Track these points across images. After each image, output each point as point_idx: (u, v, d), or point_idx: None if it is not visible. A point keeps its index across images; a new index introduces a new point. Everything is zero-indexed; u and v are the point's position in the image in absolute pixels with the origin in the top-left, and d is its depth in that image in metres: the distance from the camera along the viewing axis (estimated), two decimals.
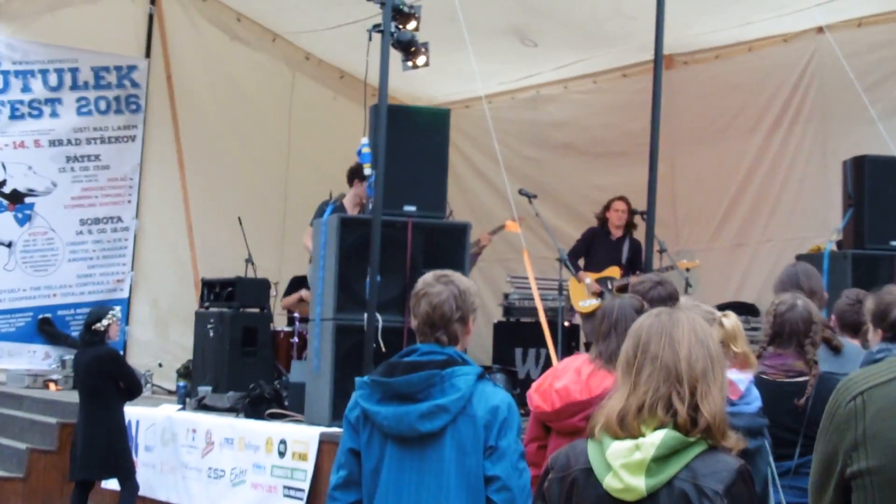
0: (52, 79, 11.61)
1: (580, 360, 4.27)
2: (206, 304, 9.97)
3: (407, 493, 3.36)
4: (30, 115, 11.50)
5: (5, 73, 11.36)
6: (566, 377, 4.27)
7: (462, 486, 3.36)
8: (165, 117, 12.12)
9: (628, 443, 2.26)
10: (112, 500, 8.70)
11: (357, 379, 3.51)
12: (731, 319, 3.80)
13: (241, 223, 10.56)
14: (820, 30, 9.90)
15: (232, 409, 8.79)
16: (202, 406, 9.15)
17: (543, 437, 3.99)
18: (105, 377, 8.29)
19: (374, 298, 7.50)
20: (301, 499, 7.32)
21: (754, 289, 10.17)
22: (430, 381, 3.33)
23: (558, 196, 10.50)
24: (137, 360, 10.97)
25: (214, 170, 12.14)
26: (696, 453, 2.24)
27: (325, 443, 7.26)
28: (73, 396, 8.83)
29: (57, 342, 11.42)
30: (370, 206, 7.80)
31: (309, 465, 7.34)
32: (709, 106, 10.57)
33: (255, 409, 8.50)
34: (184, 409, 9.33)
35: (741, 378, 3.63)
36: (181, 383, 10.03)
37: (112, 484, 8.52)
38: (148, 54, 12.10)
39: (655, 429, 2.25)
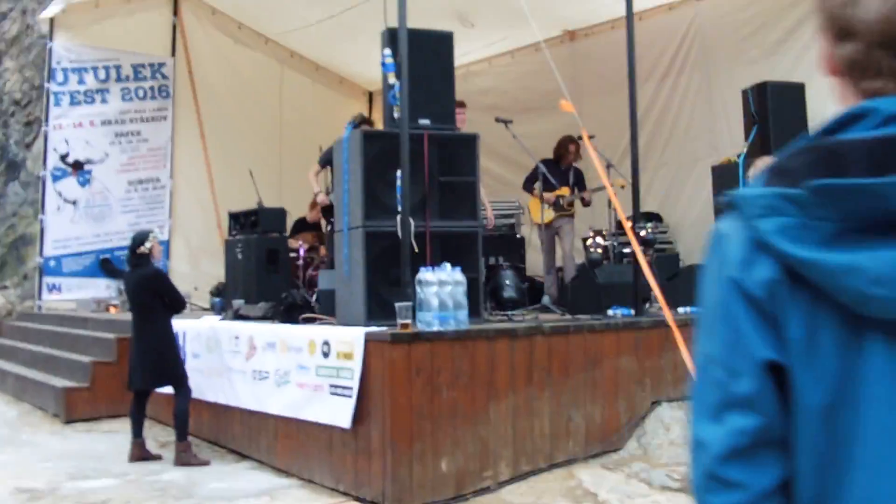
0: (101, 73, 12.89)
1: None
2: (234, 232, 10.37)
3: None
4: (85, 101, 12.81)
5: (65, 70, 12.64)
6: None
7: None
8: (188, 101, 13.46)
9: None
10: (167, 404, 8.45)
11: (754, 193, 1.22)
12: None
13: (252, 175, 11.02)
14: None
15: (264, 317, 8.62)
16: (238, 316, 9.02)
17: None
18: (152, 294, 8.12)
19: (407, 202, 7.03)
20: (350, 396, 6.63)
21: (655, 202, 11.20)
22: None
23: (487, 145, 9.81)
24: (178, 287, 10.42)
25: (226, 139, 13.39)
26: None
27: (370, 342, 6.50)
28: (129, 315, 8.47)
29: (115, 276, 11.67)
30: (395, 115, 7.30)
31: (356, 364, 6.59)
32: (607, 66, 10.92)
33: (289, 315, 8.32)
34: (224, 319, 9.20)
35: None
36: (216, 299, 10.50)
37: (167, 389, 8.22)
38: (173, 54, 13.49)
39: None
